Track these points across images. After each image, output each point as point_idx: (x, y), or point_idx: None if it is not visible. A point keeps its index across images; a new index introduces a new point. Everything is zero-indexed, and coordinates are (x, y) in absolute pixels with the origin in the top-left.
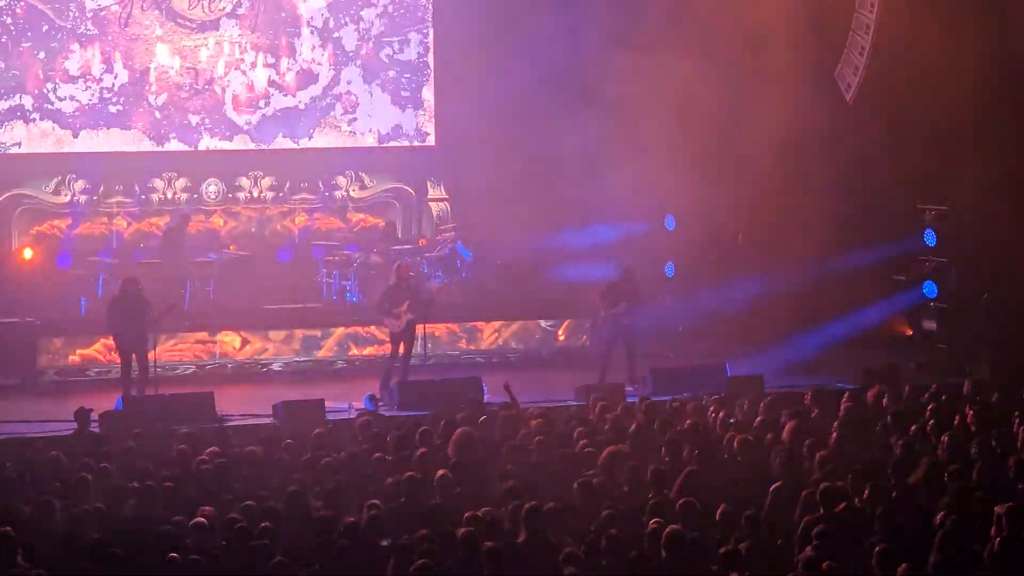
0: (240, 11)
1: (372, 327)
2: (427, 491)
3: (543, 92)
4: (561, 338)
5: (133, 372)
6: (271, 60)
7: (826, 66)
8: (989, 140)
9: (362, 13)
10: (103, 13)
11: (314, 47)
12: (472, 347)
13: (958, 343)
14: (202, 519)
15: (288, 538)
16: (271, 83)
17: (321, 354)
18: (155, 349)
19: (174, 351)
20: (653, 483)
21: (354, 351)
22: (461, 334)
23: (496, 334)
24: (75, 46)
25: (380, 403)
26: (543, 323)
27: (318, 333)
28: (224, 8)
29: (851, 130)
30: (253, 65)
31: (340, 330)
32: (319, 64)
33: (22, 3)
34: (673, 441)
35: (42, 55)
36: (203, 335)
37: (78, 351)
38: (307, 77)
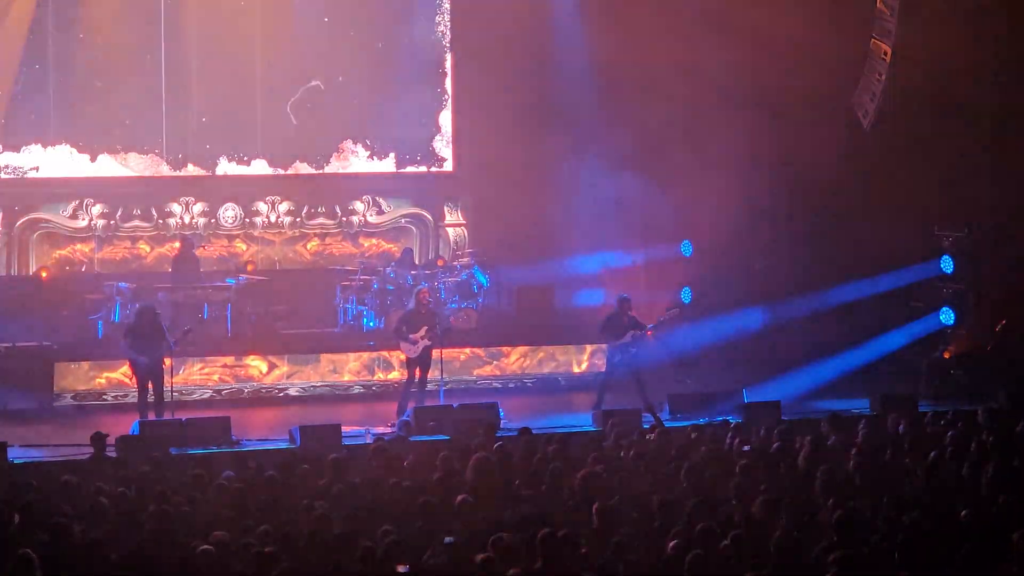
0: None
1: (398, 351)
2: (444, 516)
3: (561, 118)
4: (584, 364)
5: (149, 397)
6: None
7: (843, 93)
8: (1006, 166)
9: (378, 39)
10: None
11: (330, 74)
12: (489, 373)
13: (975, 369)
14: (218, 544)
15: (305, 563)
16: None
17: (345, 379)
18: (171, 375)
19: (197, 375)
20: (660, 511)
21: (379, 375)
22: (487, 359)
23: (522, 359)
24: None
25: (392, 428)
26: (568, 348)
27: (342, 357)
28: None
29: (868, 157)
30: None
31: (365, 355)
32: (336, 87)
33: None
34: (691, 468)
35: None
36: (223, 359)
37: (105, 374)
38: (324, 102)
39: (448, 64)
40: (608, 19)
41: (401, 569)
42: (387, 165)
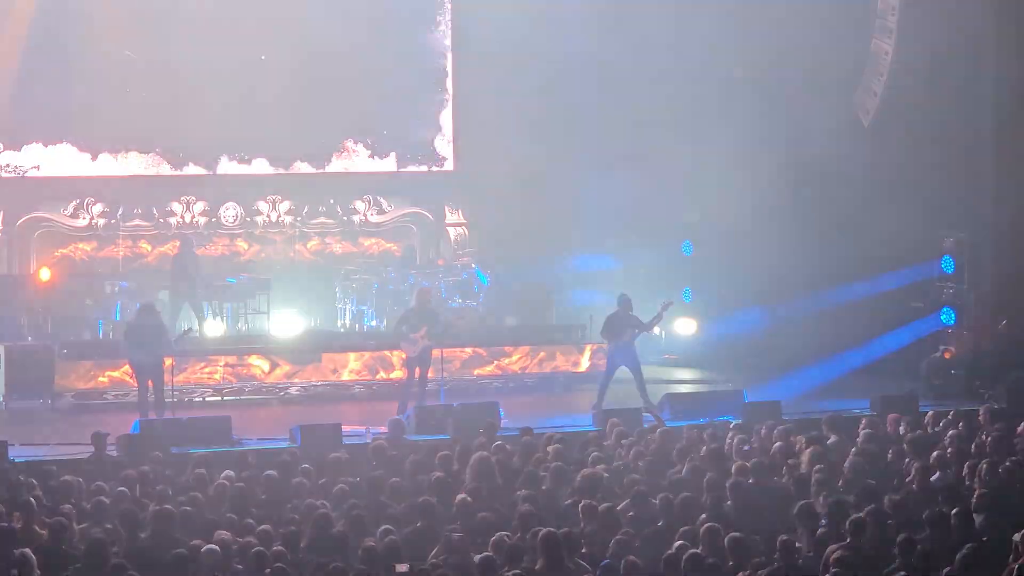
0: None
1: (398, 350)
2: (444, 516)
3: (561, 118)
4: (586, 363)
5: (150, 396)
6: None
7: (845, 92)
8: (1008, 166)
9: (380, 39)
10: None
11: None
12: (489, 372)
13: (975, 369)
14: (219, 543)
15: (305, 563)
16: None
17: (345, 378)
18: (172, 374)
19: (198, 375)
20: (660, 510)
21: (381, 374)
22: (488, 357)
23: (522, 359)
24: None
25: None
26: (568, 348)
27: (342, 357)
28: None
29: (869, 155)
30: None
31: (366, 354)
32: (337, 86)
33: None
34: (692, 468)
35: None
36: (224, 359)
37: (106, 373)
38: (326, 101)
39: (449, 64)
40: (609, 18)
41: (401, 569)
42: (388, 164)
